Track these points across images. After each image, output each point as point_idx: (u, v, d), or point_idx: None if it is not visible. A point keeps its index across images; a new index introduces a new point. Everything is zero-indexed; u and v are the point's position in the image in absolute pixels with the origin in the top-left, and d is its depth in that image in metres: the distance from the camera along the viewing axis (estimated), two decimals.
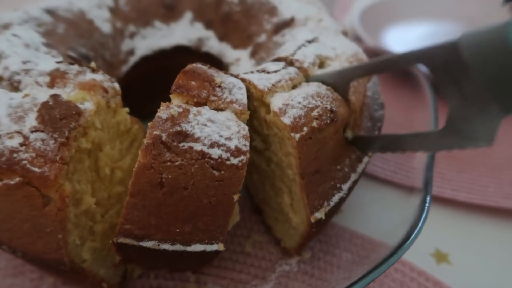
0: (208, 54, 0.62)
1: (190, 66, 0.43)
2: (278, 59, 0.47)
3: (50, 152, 0.34)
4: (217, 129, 0.38)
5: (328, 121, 0.42)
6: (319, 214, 0.43)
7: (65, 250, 0.36)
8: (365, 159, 0.48)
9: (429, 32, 1.03)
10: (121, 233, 0.38)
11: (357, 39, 0.92)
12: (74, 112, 0.36)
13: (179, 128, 0.37)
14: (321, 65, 0.47)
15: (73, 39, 0.54)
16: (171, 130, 0.37)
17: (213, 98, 0.41)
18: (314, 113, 0.41)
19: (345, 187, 0.45)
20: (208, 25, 0.63)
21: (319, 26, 0.54)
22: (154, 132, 0.36)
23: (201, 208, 0.38)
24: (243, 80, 0.44)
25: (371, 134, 0.46)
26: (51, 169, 0.33)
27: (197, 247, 0.40)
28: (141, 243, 0.38)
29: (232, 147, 0.38)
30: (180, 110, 0.38)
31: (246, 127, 0.40)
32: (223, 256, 0.50)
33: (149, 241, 0.38)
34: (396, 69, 0.39)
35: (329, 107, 0.42)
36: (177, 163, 0.36)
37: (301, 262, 0.50)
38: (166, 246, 0.39)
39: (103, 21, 0.59)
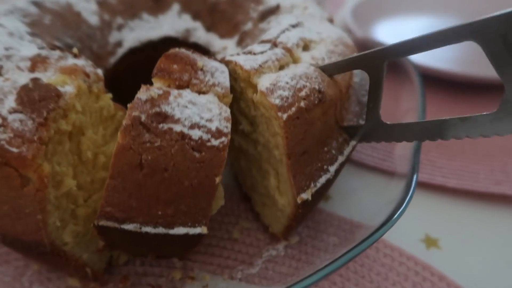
0: (196, 45, 0.62)
1: (172, 50, 0.43)
2: (262, 42, 0.47)
3: (28, 132, 0.34)
4: (198, 111, 0.38)
5: (316, 102, 0.42)
6: (306, 195, 0.42)
7: (45, 231, 0.36)
8: (352, 142, 0.48)
9: (423, 26, 1.03)
10: (102, 215, 0.37)
11: (349, 33, 0.93)
12: (53, 94, 0.36)
13: (158, 109, 0.37)
14: (305, 47, 0.47)
15: (60, 30, 0.54)
16: (150, 111, 0.37)
17: (195, 81, 0.40)
18: (302, 93, 0.41)
19: (332, 169, 0.45)
20: (196, 16, 0.63)
21: (305, 13, 0.55)
22: (133, 113, 0.36)
23: (182, 190, 0.38)
24: (229, 61, 0.44)
25: (403, 122, 0.42)
26: (29, 149, 0.33)
27: (180, 230, 0.39)
28: (122, 226, 0.38)
29: (213, 128, 0.38)
30: (160, 92, 0.38)
31: (228, 110, 0.40)
32: (210, 243, 0.50)
33: (131, 224, 0.38)
34: (438, 46, 0.35)
35: (317, 87, 0.42)
36: (156, 144, 0.36)
37: (288, 247, 0.50)
38: (148, 229, 0.38)
39: (90, 14, 0.59)
